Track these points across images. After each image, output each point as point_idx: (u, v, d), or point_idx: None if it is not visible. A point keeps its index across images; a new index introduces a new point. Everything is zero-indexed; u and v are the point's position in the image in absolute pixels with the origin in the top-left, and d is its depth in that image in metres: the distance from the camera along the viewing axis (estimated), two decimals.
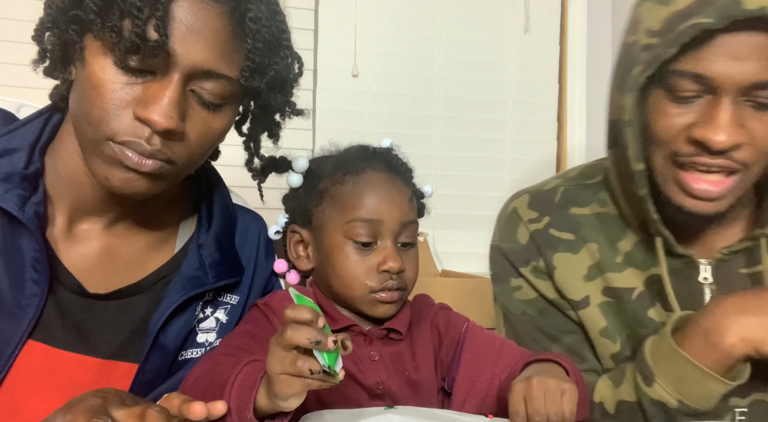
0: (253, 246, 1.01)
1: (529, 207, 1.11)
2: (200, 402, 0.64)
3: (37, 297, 0.81)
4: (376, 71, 2.19)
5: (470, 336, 0.96)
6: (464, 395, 0.92)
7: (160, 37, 0.74)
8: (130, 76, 0.77)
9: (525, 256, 1.08)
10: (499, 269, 1.13)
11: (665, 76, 0.88)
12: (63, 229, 0.87)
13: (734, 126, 0.86)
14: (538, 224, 1.09)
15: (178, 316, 0.89)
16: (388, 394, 0.90)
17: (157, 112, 0.75)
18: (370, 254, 0.92)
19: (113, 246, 0.90)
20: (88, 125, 0.78)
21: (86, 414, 0.63)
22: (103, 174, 0.80)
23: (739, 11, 0.82)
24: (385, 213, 0.91)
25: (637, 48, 0.92)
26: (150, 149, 0.77)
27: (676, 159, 0.91)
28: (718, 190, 0.89)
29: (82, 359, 0.85)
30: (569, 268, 1.05)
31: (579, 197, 1.09)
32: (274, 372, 0.66)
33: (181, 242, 0.95)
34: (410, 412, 0.79)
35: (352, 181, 0.93)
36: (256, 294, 1.00)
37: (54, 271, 0.84)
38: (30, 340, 0.82)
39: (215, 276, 0.92)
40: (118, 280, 0.89)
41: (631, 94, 0.91)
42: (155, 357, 0.88)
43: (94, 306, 0.87)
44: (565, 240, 1.06)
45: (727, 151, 0.87)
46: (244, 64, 0.81)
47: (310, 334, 0.64)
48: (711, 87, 0.86)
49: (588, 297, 1.04)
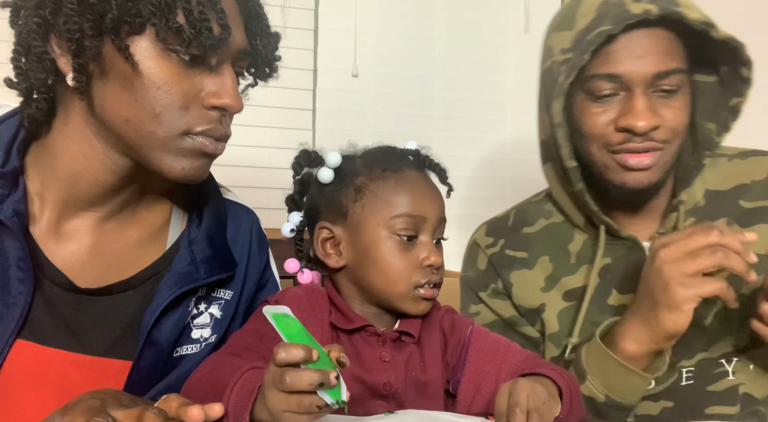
0: (246, 241, 1.01)
1: (486, 234, 1.26)
2: (197, 407, 0.64)
3: (23, 296, 0.81)
4: (376, 71, 2.18)
5: (475, 338, 0.96)
6: (470, 398, 0.93)
7: (224, 30, 0.79)
8: (190, 70, 0.80)
9: (484, 280, 1.22)
10: (463, 298, 1.28)
11: (584, 81, 1.05)
12: (51, 226, 0.87)
13: (649, 112, 1.03)
14: (495, 248, 1.23)
15: (171, 312, 0.89)
16: (394, 396, 0.90)
17: (230, 97, 0.83)
18: (412, 250, 0.92)
19: (104, 243, 0.90)
20: (159, 125, 0.80)
21: (85, 414, 0.62)
22: (180, 166, 0.84)
23: (629, 16, 1.00)
24: (427, 210, 0.93)
25: (556, 66, 1.09)
26: (225, 131, 0.86)
27: (610, 148, 1.07)
28: (649, 160, 1.05)
29: (73, 357, 0.85)
30: (525, 283, 1.18)
31: (527, 215, 1.25)
32: (278, 411, 0.65)
33: (172, 238, 0.95)
34: (410, 416, 0.79)
35: (393, 177, 0.94)
36: (250, 288, 1.00)
37: (41, 269, 0.84)
38: (19, 339, 0.82)
39: (207, 271, 0.92)
40: (109, 276, 0.89)
41: (558, 100, 1.06)
42: (149, 354, 0.88)
43: (85, 302, 0.87)
44: (519, 258, 1.20)
45: (648, 133, 1.03)
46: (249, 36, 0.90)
47: (311, 380, 0.63)
48: (623, 83, 1.03)
49: (544, 304, 1.17)
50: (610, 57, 1.03)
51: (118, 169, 0.87)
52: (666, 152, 1.06)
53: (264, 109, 2.04)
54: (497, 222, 1.27)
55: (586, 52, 1.02)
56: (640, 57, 1.02)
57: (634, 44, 1.02)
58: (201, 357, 0.92)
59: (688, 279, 0.92)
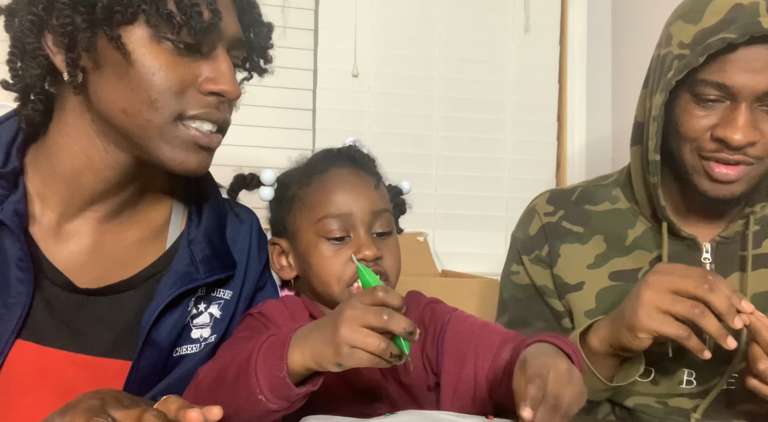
0: (246, 241, 1.01)
1: (548, 202, 1.26)
2: (196, 409, 0.63)
3: (23, 296, 0.81)
4: (376, 71, 2.18)
5: (451, 326, 0.94)
6: (452, 387, 0.90)
7: (215, 16, 0.79)
8: (184, 56, 0.81)
9: (531, 245, 1.24)
10: (509, 255, 1.29)
11: (692, 83, 1.04)
12: (51, 227, 0.87)
13: (749, 127, 1.01)
14: (552, 217, 1.24)
15: (171, 312, 0.89)
16: (386, 397, 0.90)
17: (227, 83, 0.83)
18: (343, 248, 0.92)
19: (104, 243, 0.90)
20: (155, 111, 0.80)
21: (85, 414, 0.62)
22: (179, 159, 0.84)
23: (758, 29, 0.98)
24: (353, 205, 0.92)
25: (670, 57, 1.07)
26: (223, 116, 0.85)
27: (702, 153, 1.06)
28: (735, 174, 1.04)
29: (73, 357, 0.85)
30: (574, 257, 1.20)
31: (593, 195, 1.24)
32: (347, 343, 0.68)
33: (172, 238, 0.95)
34: (411, 417, 0.79)
35: (317, 180, 0.95)
36: (249, 288, 1.00)
37: (41, 269, 0.84)
38: (19, 340, 0.82)
39: (207, 271, 0.92)
40: (109, 276, 0.89)
41: (662, 94, 1.06)
42: (148, 354, 0.87)
43: (85, 302, 0.87)
44: (575, 232, 1.21)
45: (743, 148, 1.02)
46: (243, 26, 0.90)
47: (407, 325, 0.67)
48: (731, 94, 1.01)
49: (583, 283, 1.18)
50: (725, 65, 1.00)
51: (118, 166, 0.87)
52: (755, 168, 1.05)
53: (264, 109, 2.04)
54: (560, 194, 1.27)
55: (702, 54, 1.00)
56: (756, 72, 1.00)
57: (753, 58, 1.00)
58: (201, 356, 0.92)
59: (656, 313, 0.94)
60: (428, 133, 2.22)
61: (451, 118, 2.24)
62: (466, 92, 2.24)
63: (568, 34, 2.32)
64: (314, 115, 2.13)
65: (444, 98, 2.23)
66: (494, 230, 2.24)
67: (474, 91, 2.25)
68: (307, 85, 2.13)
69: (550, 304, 1.22)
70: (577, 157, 2.30)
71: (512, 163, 2.28)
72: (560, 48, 2.33)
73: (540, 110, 2.31)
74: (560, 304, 1.21)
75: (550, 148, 2.32)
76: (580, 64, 2.31)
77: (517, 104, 2.28)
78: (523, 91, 2.29)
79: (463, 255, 2.17)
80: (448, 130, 2.23)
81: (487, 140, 2.26)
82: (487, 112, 2.26)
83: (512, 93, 2.28)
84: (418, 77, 2.22)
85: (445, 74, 2.23)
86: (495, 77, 2.27)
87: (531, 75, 2.30)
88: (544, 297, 1.22)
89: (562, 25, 2.33)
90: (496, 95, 2.27)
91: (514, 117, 2.28)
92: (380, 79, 2.18)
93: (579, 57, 2.31)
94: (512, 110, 2.28)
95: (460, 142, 2.24)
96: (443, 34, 2.24)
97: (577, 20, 2.31)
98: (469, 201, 2.23)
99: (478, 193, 2.24)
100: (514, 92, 2.28)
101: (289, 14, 2.08)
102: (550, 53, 2.32)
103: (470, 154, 2.24)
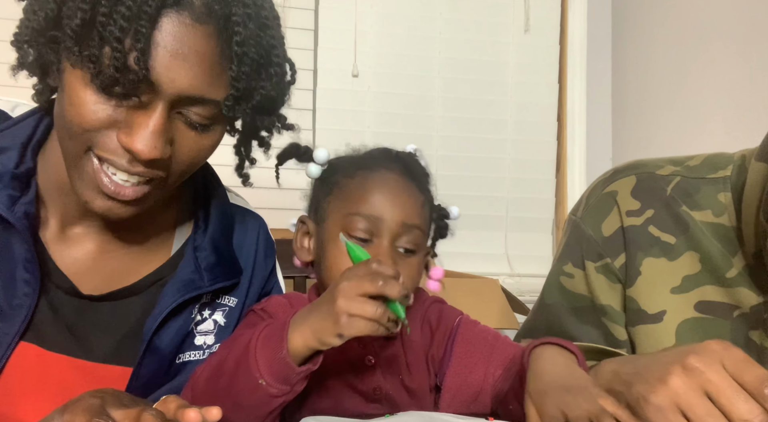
0: (252, 248, 1.00)
1: (633, 194, 0.96)
2: (195, 410, 0.63)
3: (28, 298, 0.81)
4: (376, 71, 2.18)
5: (462, 330, 0.92)
6: (454, 390, 0.88)
7: (141, 69, 0.71)
8: (113, 99, 0.74)
9: (600, 250, 0.95)
10: (564, 248, 1.01)
11: None
12: (56, 231, 0.87)
13: None
14: (637, 218, 0.94)
15: (174, 319, 0.88)
16: (386, 398, 0.89)
17: (142, 142, 0.74)
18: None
19: (108, 249, 0.90)
20: (70, 138, 0.77)
21: (85, 414, 0.62)
22: (85, 197, 0.79)
23: None
24: (385, 211, 0.87)
25: None
26: (133, 170, 0.76)
27: None
28: None
29: (74, 362, 0.84)
30: (658, 276, 0.92)
31: (696, 193, 0.93)
32: (345, 313, 0.71)
33: (177, 244, 0.94)
34: (411, 418, 0.78)
35: (362, 175, 0.90)
36: (254, 295, 0.99)
37: (47, 272, 0.84)
38: (22, 342, 0.81)
39: (211, 279, 0.91)
40: (113, 282, 0.88)
41: None
42: (149, 360, 0.87)
43: (88, 307, 0.86)
44: (663, 243, 0.92)
45: None
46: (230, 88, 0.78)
47: (402, 289, 0.70)
48: None
49: (664, 312, 0.91)
50: None
51: None
52: None
53: None
54: (652, 182, 0.96)
55: None
56: None
57: None
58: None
59: None
60: (428, 133, 2.22)
61: (451, 118, 2.24)
62: (466, 92, 2.25)
63: (568, 34, 2.32)
64: (314, 115, 2.13)
65: (444, 98, 2.23)
66: (494, 230, 2.24)
67: (474, 91, 2.25)
68: (307, 85, 2.13)
69: (608, 328, 0.95)
70: (577, 156, 2.29)
71: (512, 162, 2.28)
72: (560, 48, 2.33)
73: (540, 110, 2.31)
74: (624, 333, 0.95)
75: (550, 148, 2.32)
76: (580, 64, 2.31)
77: (517, 104, 2.28)
78: (523, 91, 2.29)
79: (463, 255, 2.17)
80: (448, 130, 2.23)
81: (487, 140, 2.26)
82: (487, 112, 2.26)
83: (512, 93, 2.28)
84: (418, 77, 2.22)
85: (445, 74, 2.23)
86: (495, 77, 2.27)
87: (531, 75, 2.30)
88: (603, 318, 0.96)
89: (562, 25, 2.33)
90: (496, 95, 2.27)
91: (514, 117, 2.28)
92: (380, 79, 2.18)
93: (579, 57, 2.31)
94: (512, 110, 2.28)
95: (460, 142, 2.24)
96: (443, 34, 2.24)
97: (577, 20, 2.32)
98: (469, 201, 2.23)
99: (478, 193, 2.24)
100: (514, 92, 2.28)
101: (289, 14, 2.08)
102: (550, 53, 2.32)
103: (470, 154, 2.24)
